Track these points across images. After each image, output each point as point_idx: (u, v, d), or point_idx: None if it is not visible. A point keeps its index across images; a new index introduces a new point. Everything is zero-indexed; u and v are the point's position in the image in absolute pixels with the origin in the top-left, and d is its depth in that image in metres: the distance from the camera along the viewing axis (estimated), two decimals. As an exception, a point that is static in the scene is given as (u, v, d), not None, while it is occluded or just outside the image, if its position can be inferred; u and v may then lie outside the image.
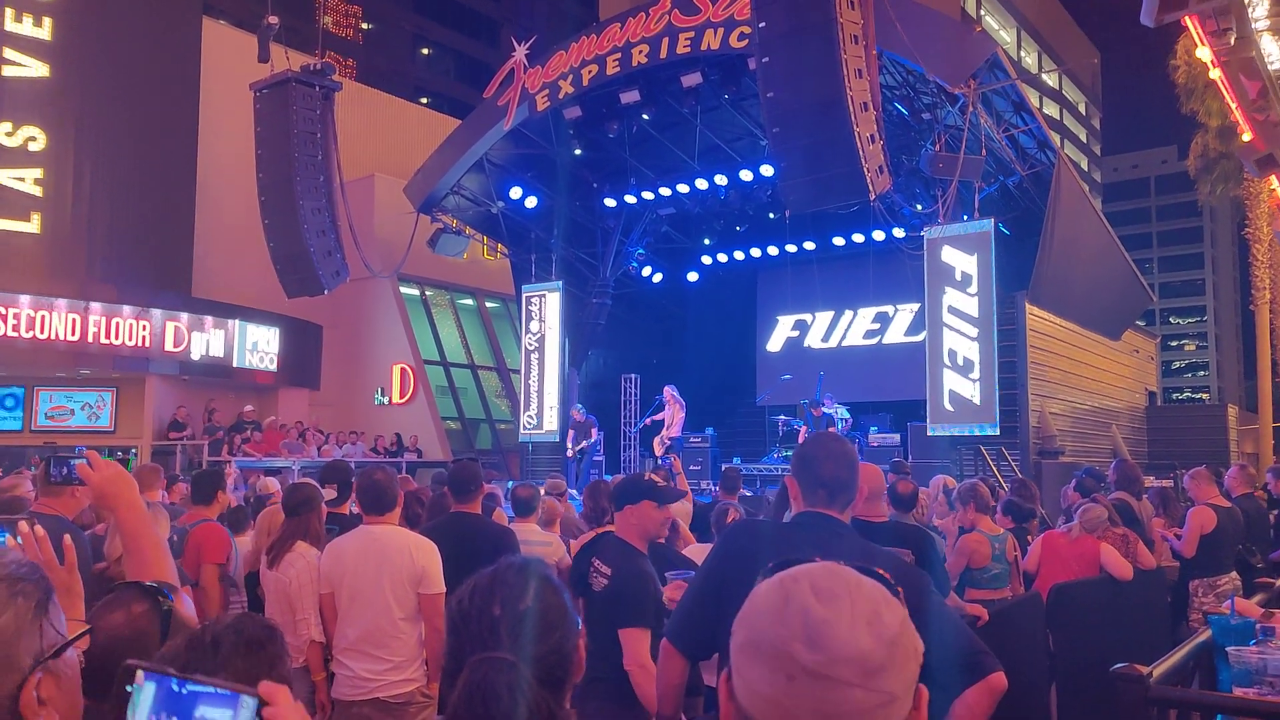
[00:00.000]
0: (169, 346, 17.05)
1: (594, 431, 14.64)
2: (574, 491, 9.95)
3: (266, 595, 4.26)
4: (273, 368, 19.17)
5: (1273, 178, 8.62)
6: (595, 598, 3.21)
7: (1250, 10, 5.80)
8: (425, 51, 44.95)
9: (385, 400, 20.57)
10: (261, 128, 12.99)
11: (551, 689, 1.25)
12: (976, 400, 12.30)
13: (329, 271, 13.22)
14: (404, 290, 21.00)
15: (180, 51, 19.74)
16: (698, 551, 4.64)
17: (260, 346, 18.88)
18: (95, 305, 16.29)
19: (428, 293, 22.03)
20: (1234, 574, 6.04)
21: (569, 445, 15.07)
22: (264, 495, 7.25)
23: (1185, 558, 6.07)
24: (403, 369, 20.46)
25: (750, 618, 0.93)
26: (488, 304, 23.44)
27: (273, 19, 12.24)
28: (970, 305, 12.39)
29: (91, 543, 3.63)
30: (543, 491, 6.82)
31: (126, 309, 16.60)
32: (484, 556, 4.38)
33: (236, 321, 18.29)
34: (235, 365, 18.27)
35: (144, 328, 16.69)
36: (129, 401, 17.10)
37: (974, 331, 12.32)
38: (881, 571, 0.98)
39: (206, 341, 17.70)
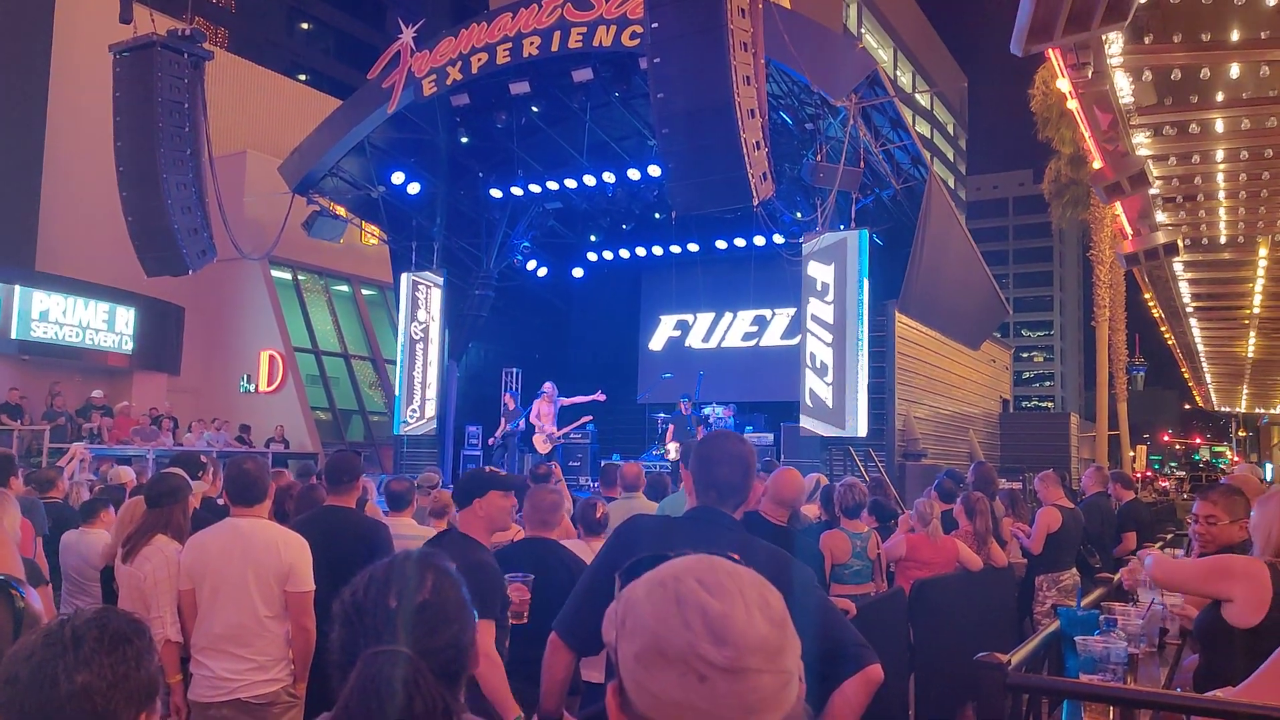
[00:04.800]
0: (4, 323, 15.79)
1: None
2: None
3: (120, 591, 4.01)
4: (127, 350, 18.05)
5: (1116, 204, 9.31)
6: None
7: (1106, 47, 6.26)
8: (305, 26, 43.17)
9: (251, 388, 19.69)
10: (121, 93, 12.14)
11: (447, 682, 1.23)
12: (829, 403, 12.87)
13: (194, 250, 12.51)
14: (275, 274, 20.15)
15: (30, 6, 18.30)
16: (579, 547, 4.64)
17: (114, 327, 17.74)
18: (-79, 276, 14.94)
19: (300, 277, 21.20)
20: (1074, 570, 6.49)
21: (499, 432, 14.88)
22: (115, 485, 6.84)
23: (1033, 555, 6.48)
24: (271, 355, 19.64)
25: (643, 626, 0.91)
26: (364, 291, 22.76)
27: (139, -22, 11.48)
28: (827, 313, 12.95)
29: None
30: (415, 484, 6.70)
31: (-42, 281, 15.30)
32: (357, 552, 4.25)
33: (85, 299, 17.11)
34: (84, 346, 17.09)
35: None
36: (-41, 382, 15.74)
37: (829, 337, 12.89)
38: (734, 556, 1.00)
39: (50, 319, 16.47)
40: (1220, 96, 7.38)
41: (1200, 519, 3.42)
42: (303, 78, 31.92)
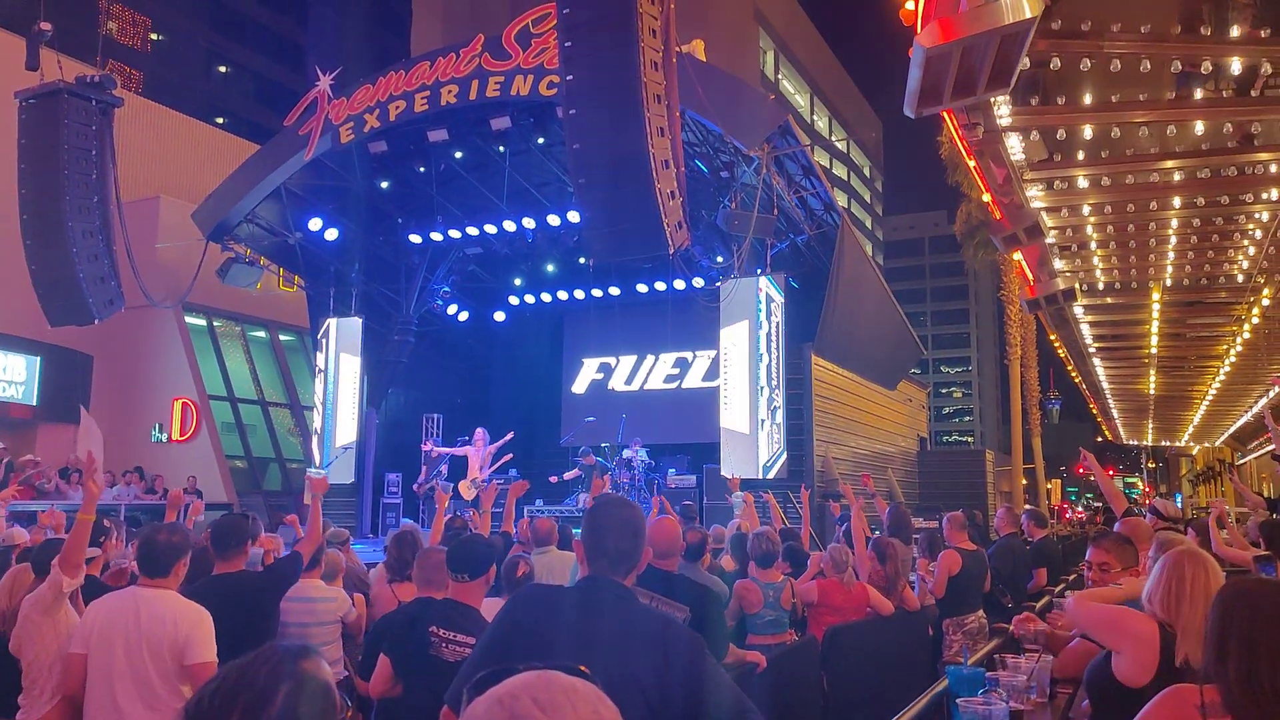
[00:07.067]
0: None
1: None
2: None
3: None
4: (30, 401, 17.30)
5: (1017, 252, 9.76)
6: (451, 668, 3.22)
7: (995, 109, 6.62)
8: (222, 70, 42.53)
9: (164, 437, 19.02)
10: (26, 140, 11.83)
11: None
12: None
13: (101, 300, 12.16)
14: (189, 320, 19.59)
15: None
16: (489, 606, 4.59)
17: (14, 377, 16.99)
18: None
19: (216, 323, 20.64)
20: (980, 612, 6.64)
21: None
22: (8, 547, 6.50)
23: (937, 598, 6.63)
24: (184, 404, 19.03)
25: None
26: (282, 337, 22.25)
27: (45, 25, 11.19)
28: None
29: None
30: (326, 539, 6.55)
31: None
32: (254, 614, 4.16)
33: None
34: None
35: None
36: None
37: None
38: (584, 670, 1.04)
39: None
40: (1104, 153, 7.83)
41: (1094, 566, 3.56)
42: (220, 121, 31.37)
